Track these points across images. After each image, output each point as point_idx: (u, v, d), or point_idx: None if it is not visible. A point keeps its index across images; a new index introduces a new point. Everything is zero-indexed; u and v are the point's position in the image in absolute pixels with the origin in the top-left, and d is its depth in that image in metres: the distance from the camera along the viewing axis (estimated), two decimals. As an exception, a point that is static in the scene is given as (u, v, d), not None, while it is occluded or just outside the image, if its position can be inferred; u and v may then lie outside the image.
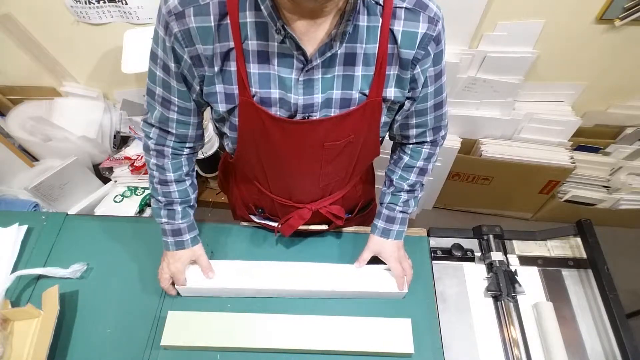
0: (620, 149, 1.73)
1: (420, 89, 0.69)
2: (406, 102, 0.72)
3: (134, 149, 1.73)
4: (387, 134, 0.83)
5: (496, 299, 0.88)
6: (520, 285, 0.87)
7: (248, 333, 0.80)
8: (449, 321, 0.86)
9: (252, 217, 1.00)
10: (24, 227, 0.97)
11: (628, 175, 1.77)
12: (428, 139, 0.81)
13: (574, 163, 1.67)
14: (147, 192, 1.68)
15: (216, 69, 0.63)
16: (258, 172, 0.83)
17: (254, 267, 0.88)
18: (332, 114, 0.67)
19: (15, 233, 0.95)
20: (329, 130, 0.68)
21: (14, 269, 0.91)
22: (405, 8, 0.60)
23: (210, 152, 1.73)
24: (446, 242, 0.97)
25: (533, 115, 1.60)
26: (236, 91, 0.65)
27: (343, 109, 0.67)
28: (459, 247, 0.95)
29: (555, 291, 0.90)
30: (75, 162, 1.51)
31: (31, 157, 1.64)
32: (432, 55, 0.65)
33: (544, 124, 1.62)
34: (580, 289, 0.91)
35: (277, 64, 0.61)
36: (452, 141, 1.68)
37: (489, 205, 2.05)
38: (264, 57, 0.61)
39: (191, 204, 0.85)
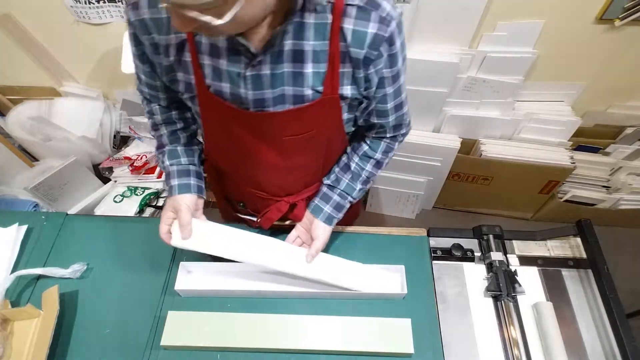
0: (620, 149, 1.73)
1: (374, 89, 0.68)
2: (364, 100, 0.72)
3: (133, 149, 1.73)
4: None
5: (496, 299, 0.88)
6: (520, 285, 0.87)
7: (248, 333, 0.80)
8: (449, 321, 0.86)
9: (238, 214, 1.01)
10: (24, 227, 0.97)
11: (628, 175, 1.77)
12: (388, 135, 0.82)
13: (573, 163, 1.67)
14: (147, 192, 1.68)
15: (172, 58, 0.65)
16: (229, 163, 0.84)
17: (252, 239, 0.83)
18: (287, 109, 0.67)
19: (15, 233, 0.95)
20: (285, 123, 0.69)
21: (14, 269, 0.91)
22: (357, 6, 0.58)
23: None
24: (446, 242, 0.97)
25: (533, 115, 1.60)
26: (193, 81, 0.66)
27: (297, 104, 0.67)
28: (459, 247, 0.95)
29: (555, 291, 0.90)
30: (75, 162, 1.51)
31: (31, 157, 1.64)
32: (385, 56, 0.63)
33: (544, 124, 1.62)
34: (580, 289, 0.91)
35: (226, 58, 0.62)
36: (452, 141, 1.68)
37: (489, 205, 2.05)
38: (214, 50, 0.62)
39: (181, 142, 0.83)
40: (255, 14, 0.51)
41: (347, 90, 0.66)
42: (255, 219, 0.97)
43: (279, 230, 0.97)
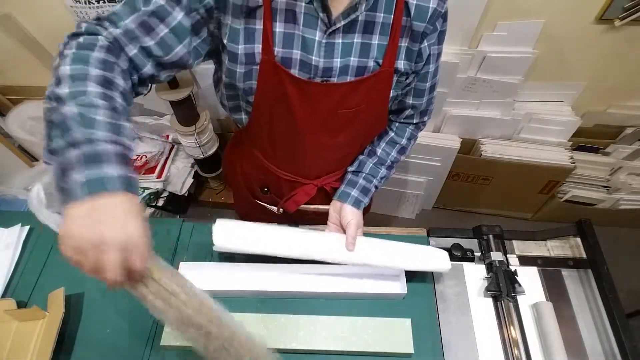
0: (620, 149, 1.74)
1: (422, 64, 0.72)
2: (410, 76, 0.74)
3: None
4: None
5: (496, 299, 0.89)
6: (520, 285, 0.87)
7: (248, 333, 0.80)
8: (449, 321, 0.86)
9: (257, 200, 1.00)
10: (27, 228, 0.97)
11: (628, 175, 1.77)
12: (414, 121, 0.87)
13: (573, 163, 1.67)
14: (147, 192, 1.68)
15: (241, 23, 0.62)
16: (268, 141, 0.82)
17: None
18: (349, 80, 0.68)
19: (17, 234, 0.95)
20: (343, 95, 0.70)
21: (15, 270, 0.91)
22: None
23: (210, 152, 1.73)
24: (446, 242, 0.97)
25: (533, 115, 1.60)
26: (258, 50, 0.64)
27: (358, 76, 0.69)
28: (459, 247, 0.95)
29: (555, 291, 0.90)
30: (76, 162, 1.51)
31: (31, 157, 1.64)
32: (439, 31, 0.69)
33: (544, 124, 1.62)
34: (580, 289, 0.91)
35: (302, 24, 0.63)
36: (452, 141, 1.68)
37: (489, 205, 2.05)
38: (290, 16, 0.62)
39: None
40: None
41: (401, 64, 0.69)
42: (275, 209, 0.96)
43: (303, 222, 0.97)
